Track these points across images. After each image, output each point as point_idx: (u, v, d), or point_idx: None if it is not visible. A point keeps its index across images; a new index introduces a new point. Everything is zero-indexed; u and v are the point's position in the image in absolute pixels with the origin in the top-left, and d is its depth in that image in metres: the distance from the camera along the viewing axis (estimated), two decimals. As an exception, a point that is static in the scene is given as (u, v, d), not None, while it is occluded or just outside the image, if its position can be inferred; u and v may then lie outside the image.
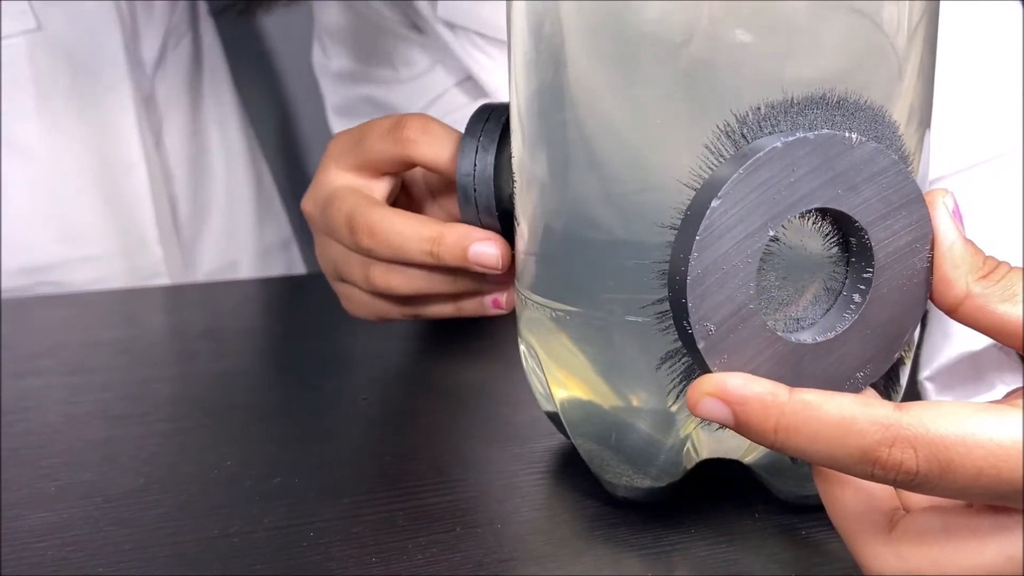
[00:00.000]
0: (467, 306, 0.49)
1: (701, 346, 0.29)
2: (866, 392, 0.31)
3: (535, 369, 0.41)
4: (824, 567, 0.36)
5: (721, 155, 0.29)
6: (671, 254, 0.29)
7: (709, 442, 0.38)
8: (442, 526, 0.39)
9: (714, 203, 0.28)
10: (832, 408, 0.27)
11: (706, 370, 0.29)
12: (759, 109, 0.30)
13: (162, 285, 0.80)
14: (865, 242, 0.30)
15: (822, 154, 0.29)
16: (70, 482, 0.43)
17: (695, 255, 0.28)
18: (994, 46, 0.54)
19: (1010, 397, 0.29)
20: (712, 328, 0.29)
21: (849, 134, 0.29)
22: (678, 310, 0.29)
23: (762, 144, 0.29)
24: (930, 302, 0.31)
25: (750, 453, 0.38)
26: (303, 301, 0.70)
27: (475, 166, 0.44)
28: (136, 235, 0.81)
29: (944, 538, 0.28)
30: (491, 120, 0.44)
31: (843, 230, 0.30)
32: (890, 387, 0.34)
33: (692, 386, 0.29)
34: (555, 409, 0.41)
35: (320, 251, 0.51)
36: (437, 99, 0.77)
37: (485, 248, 0.44)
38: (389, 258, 0.47)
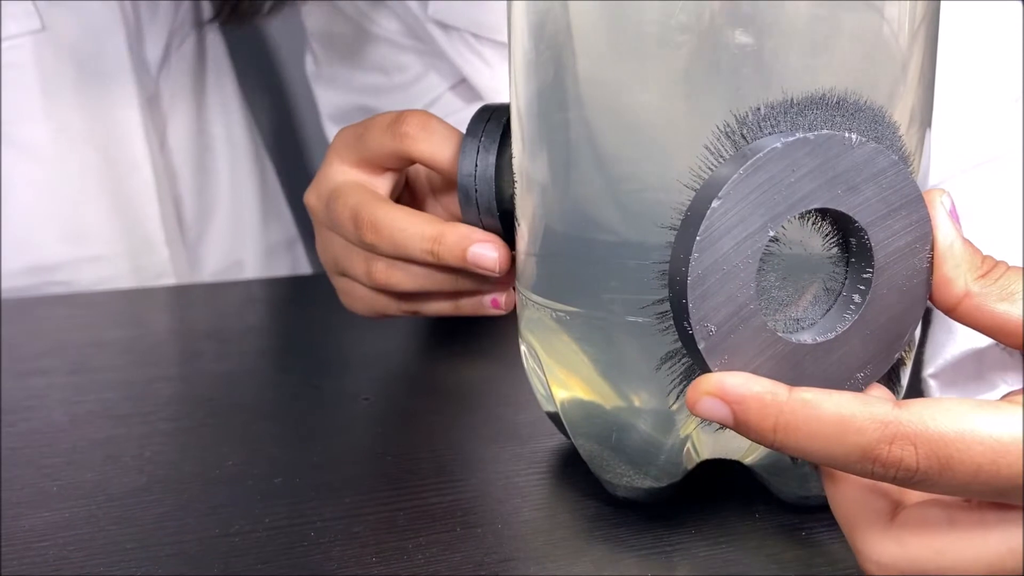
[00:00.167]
0: (466, 305, 0.49)
1: (701, 346, 0.29)
2: (873, 387, 0.31)
3: (536, 369, 0.41)
4: (825, 568, 0.36)
5: (721, 156, 0.29)
6: (671, 254, 0.29)
7: (709, 443, 0.38)
8: (442, 526, 0.39)
9: (714, 204, 0.28)
10: (831, 406, 0.27)
11: (706, 370, 0.29)
12: (759, 110, 0.30)
13: (165, 285, 0.80)
14: (865, 242, 0.30)
15: (822, 154, 0.29)
16: (72, 481, 0.43)
17: (695, 255, 0.28)
18: (994, 47, 0.54)
19: (1010, 395, 0.29)
20: (712, 328, 0.29)
21: (849, 134, 0.29)
22: (678, 310, 0.29)
23: (762, 145, 0.29)
24: (930, 302, 0.31)
25: (751, 454, 0.38)
26: (305, 301, 0.70)
27: (476, 167, 0.44)
28: (142, 235, 0.81)
29: (947, 528, 0.28)
30: (492, 121, 0.44)
31: (843, 230, 0.30)
32: (891, 387, 0.34)
33: (691, 386, 0.29)
34: (555, 409, 0.41)
35: (321, 245, 0.52)
36: (431, 104, 0.77)
37: (484, 250, 0.44)
38: (391, 254, 0.47)
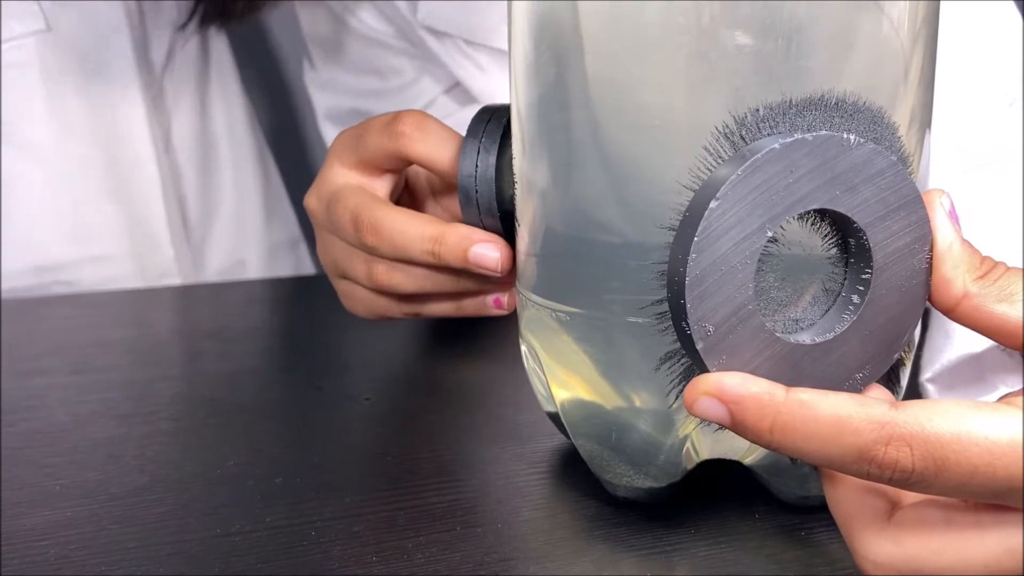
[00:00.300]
0: (468, 305, 0.49)
1: (700, 347, 0.29)
2: (872, 387, 0.31)
3: (536, 369, 0.41)
4: (825, 568, 0.36)
5: (719, 156, 0.29)
6: (670, 255, 0.29)
7: (709, 443, 0.38)
8: (443, 525, 0.39)
9: (712, 204, 0.28)
10: (827, 407, 0.27)
11: (705, 371, 0.29)
12: (757, 111, 0.30)
13: (167, 285, 0.81)
14: (864, 243, 0.30)
15: (820, 155, 0.29)
16: (74, 481, 0.43)
17: (693, 256, 0.28)
18: (993, 48, 0.54)
19: (1008, 397, 0.29)
20: (711, 329, 0.29)
21: (847, 135, 0.29)
22: (677, 311, 0.29)
23: (760, 145, 0.29)
24: (928, 303, 0.31)
25: (750, 454, 0.38)
26: (307, 302, 0.70)
27: (477, 167, 0.44)
28: (147, 234, 0.81)
29: (944, 528, 0.28)
30: (492, 121, 0.44)
31: (842, 231, 0.30)
32: (890, 388, 0.34)
33: (689, 386, 0.29)
34: (556, 409, 0.41)
35: (322, 248, 0.52)
36: (426, 107, 0.77)
37: (486, 251, 0.44)
38: (392, 256, 0.47)
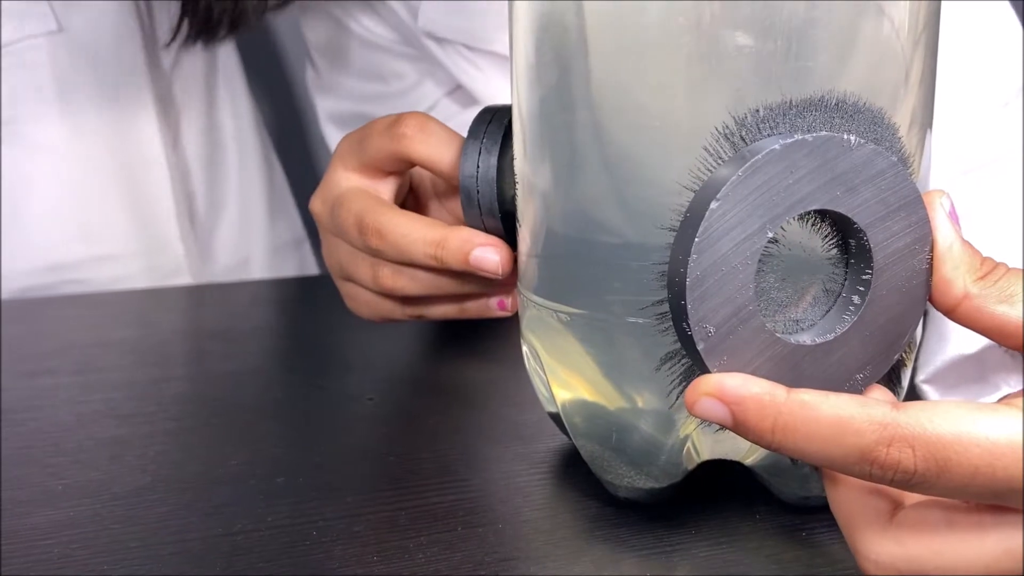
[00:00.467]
0: (471, 307, 0.49)
1: (700, 348, 0.29)
2: (873, 388, 0.31)
3: (537, 370, 0.41)
4: (826, 568, 0.36)
5: (720, 157, 0.30)
6: (671, 256, 0.29)
7: (710, 443, 0.38)
8: (444, 525, 0.39)
9: (713, 205, 0.28)
10: (829, 408, 0.27)
11: (705, 371, 0.29)
12: (757, 111, 0.30)
13: (169, 286, 0.81)
14: (864, 244, 0.30)
15: (820, 156, 0.29)
16: (77, 480, 0.43)
17: (694, 257, 0.28)
18: (993, 49, 0.54)
19: (1008, 398, 0.29)
20: (711, 330, 0.29)
21: (847, 136, 0.29)
22: (677, 312, 0.29)
23: (761, 146, 0.29)
24: (929, 303, 0.31)
25: (751, 454, 0.38)
26: (311, 302, 0.70)
27: (478, 168, 0.44)
28: (157, 233, 0.81)
29: (945, 528, 0.28)
30: (494, 122, 0.44)
31: (842, 232, 0.30)
32: (891, 388, 0.34)
33: (690, 386, 0.29)
34: (557, 410, 0.41)
35: (327, 250, 0.52)
36: (429, 110, 0.77)
37: (486, 253, 0.44)
38: (396, 259, 0.47)
